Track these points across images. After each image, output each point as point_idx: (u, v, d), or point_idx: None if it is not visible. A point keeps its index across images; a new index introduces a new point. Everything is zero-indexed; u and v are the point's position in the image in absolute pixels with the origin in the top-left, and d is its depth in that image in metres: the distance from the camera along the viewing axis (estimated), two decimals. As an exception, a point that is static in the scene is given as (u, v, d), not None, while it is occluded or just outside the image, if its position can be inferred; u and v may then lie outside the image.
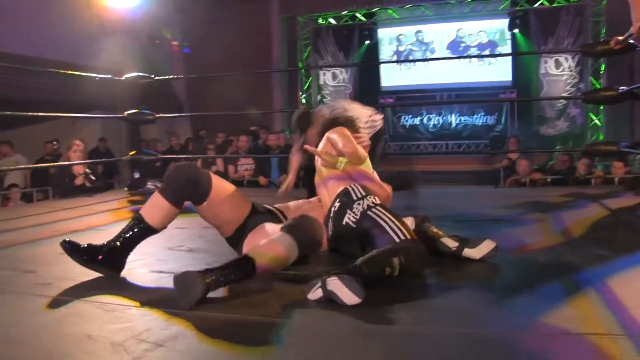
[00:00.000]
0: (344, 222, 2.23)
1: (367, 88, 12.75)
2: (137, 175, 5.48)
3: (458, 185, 8.88)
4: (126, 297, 1.84)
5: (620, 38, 3.45)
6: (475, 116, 12.14)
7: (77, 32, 9.17)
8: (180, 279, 1.72)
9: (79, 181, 5.29)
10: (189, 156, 7.50)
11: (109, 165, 8.60)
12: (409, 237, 2.02)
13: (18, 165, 7.96)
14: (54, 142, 8.62)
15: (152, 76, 5.35)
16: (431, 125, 12.43)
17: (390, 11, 12.36)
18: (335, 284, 1.69)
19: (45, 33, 9.06)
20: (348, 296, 1.67)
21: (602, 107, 10.84)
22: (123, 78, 5.20)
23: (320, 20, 13.18)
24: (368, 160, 2.50)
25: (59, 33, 9.10)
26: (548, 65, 11.34)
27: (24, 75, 8.18)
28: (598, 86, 10.53)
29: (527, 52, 12.16)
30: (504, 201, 4.14)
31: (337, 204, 2.28)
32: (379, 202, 2.23)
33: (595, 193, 4.30)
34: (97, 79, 5.31)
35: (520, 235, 2.77)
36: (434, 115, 12.45)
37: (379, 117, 2.94)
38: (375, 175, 2.50)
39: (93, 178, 5.41)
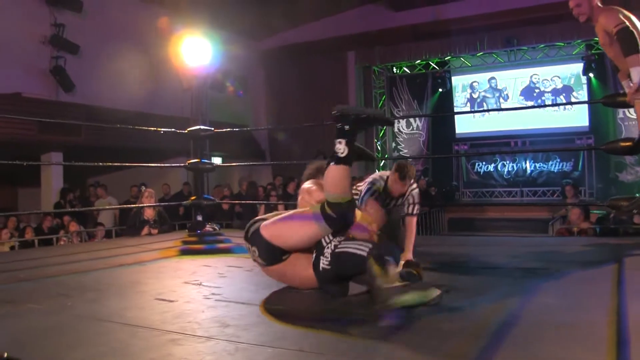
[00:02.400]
0: (320, 269, 2.52)
1: (441, 135, 12.91)
2: (199, 218, 6.01)
3: (523, 233, 8.75)
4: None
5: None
6: (550, 163, 11.91)
7: (165, 89, 10.17)
8: None
9: (144, 232, 5.95)
10: (243, 202, 8.00)
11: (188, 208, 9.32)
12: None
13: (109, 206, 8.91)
14: (138, 186, 9.47)
15: (212, 129, 5.89)
16: (505, 172, 12.32)
17: (463, 59, 12.55)
18: None
19: (137, 89, 10.12)
20: None
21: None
22: (186, 131, 5.79)
23: (394, 70, 13.59)
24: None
25: (150, 90, 10.14)
26: (626, 109, 10.97)
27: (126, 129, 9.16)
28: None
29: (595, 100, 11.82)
30: (531, 249, 4.23)
31: (314, 255, 2.57)
32: (344, 237, 2.51)
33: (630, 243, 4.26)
34: (162, 131, 5.91)
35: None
36: (508, 161, 12.34)
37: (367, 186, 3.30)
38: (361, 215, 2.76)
39: (156, 229, 6.06)
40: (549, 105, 11.57)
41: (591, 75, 11.34)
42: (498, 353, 1.75)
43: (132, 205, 7.76)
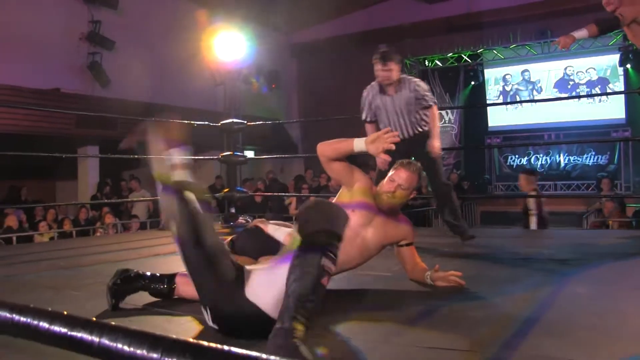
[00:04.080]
0: None
1: (473, 128, 12.79)
2: (232, 210, 6.11)
3: (556, 226, 8.62)
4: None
5: None
6: (585, 156, 11.67)
7: (198, 82, 10.32)
8: None
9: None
10: (274, 194, 8.09)
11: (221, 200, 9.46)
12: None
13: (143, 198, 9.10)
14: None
15: (245, 122, 5.98)
16: (539, 165, 12.13)
17: (495, 51, 12.39)
18: None
19: (170, 84, 10.30)
20: None
21: None
22: (219, 124, 5.88)
23: (426, 63, 13.50)
24: None
25: (183, 84, 10.29)
26: (665, 101, 10.71)
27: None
28: None
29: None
30: (564, 241, 4.19)
31: None
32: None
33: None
34: (195, 124, 6.00)
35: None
36: (541, 155, 12.14)
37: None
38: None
39: None
40: (584, 96, 11.33)
41: (628, 66, 11.06)
42: (526, 341, 1.76)
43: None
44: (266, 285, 1.79)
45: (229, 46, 5.81)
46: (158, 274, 2.39)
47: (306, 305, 1.59)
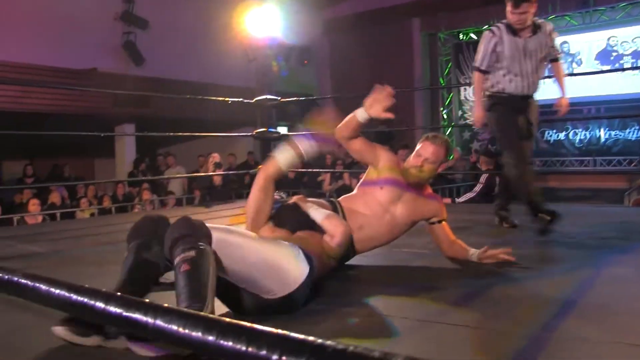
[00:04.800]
0: None
1: (510, 102, 12.53)
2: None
3: (597, 203, 8.45)
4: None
5: None
6: (627, 130, 11.28)
7: (231, 59, 10.33)
8: None
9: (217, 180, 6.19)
10: (309, 169, 8.06)
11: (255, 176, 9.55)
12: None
13: (179, 175, 9.26)
14: (205, 156, 9.73)
15: (279, 98, 5.97)
16: (577, 141, 11.81)
17: (533, 23, 12.03)
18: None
19: (203, 61, 10.34)
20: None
21: None
22: (253, 100, 5.89)
23: (460, 36, 13.22)
24: None
25: (217, 61, 10.33)
26: None
27: (193, 99, 9.44)
28: None
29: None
30: (605, 220, 4.11)
31: None
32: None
33: None
34: (229, 101, 6.03)
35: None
36: (580, 129, 11.79)
37: None
38: None
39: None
40: (628, 69, 10.90)
41: (677, 35, 10.61)
42: (565, 323, 1.74)
43: (201, 174, 8.01)
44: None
45: (261, 22, 5.80)
46: None
47: None
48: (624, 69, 10.81)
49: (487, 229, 3.73)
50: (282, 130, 11.25)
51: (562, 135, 12.01)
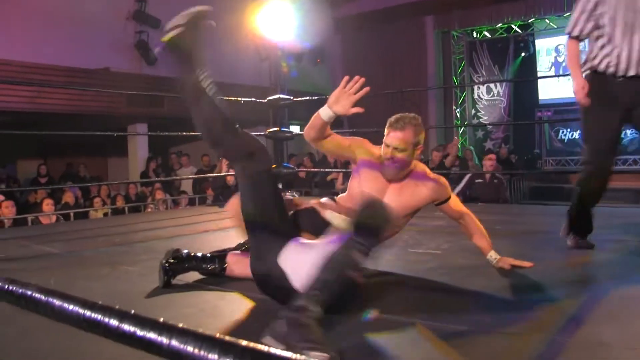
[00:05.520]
0: None
1: (523, 101, 12.42)
2: (279, 186, 6.16)
3: (612, 203, 8.34)
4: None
5: None
6: (643, 129, 11.14)
7: (244, 58, 10.35)
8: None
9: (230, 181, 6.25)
10: (316, 170, 8.06)
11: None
12: None
13: (192, 175, 9.28)
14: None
15: (291, 98, 5.96)
16: (592, 139, 11.69)
17: (547, 20, 11.93)
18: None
19: (216, 60, 10.34)
20: None
21: None
22: (266, 100, 5.88)
23: (474, 34, 13.14)
24: None
25: (229, 59, 10.34)
26: None
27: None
28: None
29: None
30: (621, 220, 4.05)
31: None
32: None
33: None
34: (242, 101, 6.03)
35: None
36: (595, 128, 11.68)
37: None
38: None
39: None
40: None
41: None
42: (585, 327, 1.72)
43: (213, 175, 8.02)
44: (300, 258, 1.85)
45: (273, 21, 5.79)
46: (209, 255, 2.43)
47: (326, 291, 1.61)
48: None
49: (502, 228, 3.69)
50: (295, 129, 11.29)
51: (576, 135, 11.89)
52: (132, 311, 0.55)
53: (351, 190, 2.41)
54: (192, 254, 2.40)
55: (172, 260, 2.33)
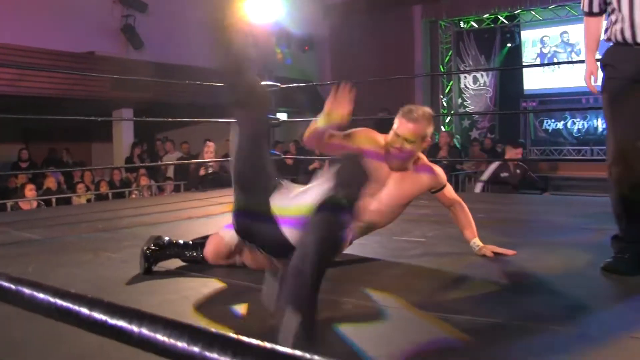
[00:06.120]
0: None
1: (509, 91, 12.48)
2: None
3: (594, 193, 8.44)
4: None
5: None
6: (625, 121, 11.26)
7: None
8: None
9: (202, 172, 6.20)
10: (302, 157, 8.05)
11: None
12: None
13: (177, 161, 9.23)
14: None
15: (279, 84, 5.94)
16: (575, 130, 11.80)
17: (533, 12, 11.96)
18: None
19: (203, 46, 10.25)
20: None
21: None
22: (251, 87, 5.84)
23: (461, 24, 13.15)
24: None
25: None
26: None
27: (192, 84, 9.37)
28: None
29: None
30: (603, 209, 4.10)
31: None
32: None
33: None
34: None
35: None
36: (578, 119, 11.78)
37: None
38: None
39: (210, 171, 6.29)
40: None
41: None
42: (566, 312, 1.74)
43: (198, 160, 7.97)
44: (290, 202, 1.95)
45: (261, 7, 5.75)
46: (190, 242, 2.43)
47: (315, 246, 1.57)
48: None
49: (485, 216, 3.72)
50: (282, 116, 11.25)
51: (560, 125, 12.00)
52: (105, 300, 0.55)
53: None
54: (174, 241, 2.40)
55: (153, 247, 2.33)
